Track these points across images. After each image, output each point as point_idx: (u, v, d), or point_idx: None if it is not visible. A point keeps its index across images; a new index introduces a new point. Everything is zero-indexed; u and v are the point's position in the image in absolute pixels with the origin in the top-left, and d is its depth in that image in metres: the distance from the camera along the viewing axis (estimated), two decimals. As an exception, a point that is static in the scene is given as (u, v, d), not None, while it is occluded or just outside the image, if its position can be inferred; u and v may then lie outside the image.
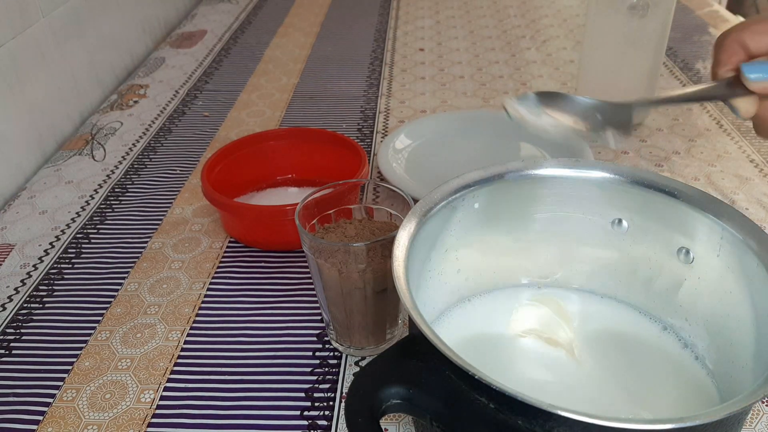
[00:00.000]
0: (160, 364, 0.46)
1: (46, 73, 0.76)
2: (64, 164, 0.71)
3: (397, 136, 0.70)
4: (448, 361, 0.29)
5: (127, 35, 0.98)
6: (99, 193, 0.66)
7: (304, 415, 0.43)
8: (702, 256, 0.40)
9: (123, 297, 0.53)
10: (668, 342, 0.43)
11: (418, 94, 0.85)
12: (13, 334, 0.49)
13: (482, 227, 0.43)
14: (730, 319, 0.38)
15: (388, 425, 0.42)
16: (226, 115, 0.81)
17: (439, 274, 0.42)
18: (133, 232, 0.60)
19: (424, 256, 0.40)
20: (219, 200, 0.55)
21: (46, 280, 0.55)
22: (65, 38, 0.80)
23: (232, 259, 0.56)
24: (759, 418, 0.42)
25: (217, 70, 0.94)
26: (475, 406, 0.29)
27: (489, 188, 0.42)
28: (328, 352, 0.47)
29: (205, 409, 0.43)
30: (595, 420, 0.27)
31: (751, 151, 0.70)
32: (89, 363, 0.47)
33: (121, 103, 0.84)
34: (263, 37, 1.05)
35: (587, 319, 0.45)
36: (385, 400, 0.31)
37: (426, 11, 1.15)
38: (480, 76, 0.89)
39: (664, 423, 0.27)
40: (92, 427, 0.42)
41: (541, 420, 0.28)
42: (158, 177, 0.69)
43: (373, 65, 0.94)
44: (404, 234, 0.37)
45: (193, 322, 0.50)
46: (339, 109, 0.82)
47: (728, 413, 0.27)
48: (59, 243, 0.59)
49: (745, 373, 0.36)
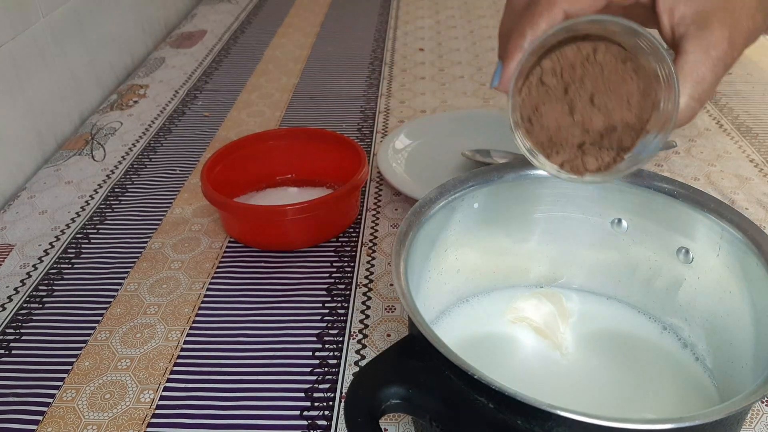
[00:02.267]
0: (160, 364, 0.46)
1: (46, 73, 0.76)
2: (64, 164, 0.71)
3: (397, 136, 0.70)
4: (447, 361, 0.29)
5: (127, 35, 0.98)
6: (99, 193, 0.66)
7: (303, 415, 0.43)
8: (702, 256, 0.40)
9: (123, 297, 0.53)
10: (668, 342, 0.43)
11: (418, 94, 0.85)
12: (13, 334, 0.49)
13: (482, 227, 0.43)
14: (730, 319, 0.38)
15: (388, 425, 0.42)
16: (226, 115, 0.81)
17: (439, 274, 0.42)
18: (133, 232, 0.60)
19: (424, 256, 0.40)
20: (219, 200, 0.55)
21: (46, 280, 0.55)
22: (65, 38, 0.80)
23: (232, 259, 0.56)
24: (759, 418, 0.42)
25: (217, 70, 0.94)
26: (475, 406, 0.29)
27: (488, 188, 0.42)
28: (327, 352, 0.47)
29: (204, 409, 0.43)
30: (595, 420, 0.27)
31: (751, 151, 0.70)
32: (89, 363, 0.47)
33: (121, 103, 0.84)
34: (263, 37, 1.05)
35: (587, 319, 0.45)
36: (384, 400, 0.31)
37: (426, 11, 1.15)
38: (480, 76, 0.89)
39: (664, 423, 0.27)
40: (92, 427, 0.42)
41: (541, 420, 0.28)
42: (158, 177, 0.69)
43: (373, 65, 0.94)
44: (404, 234, 0.37)
45: (193, 322, 0.50)
46: (339, 109, 0.82)
47: (728, 413, 0.27)
48: (59, 243, 0.59)
49: (745, 373, 0.36)
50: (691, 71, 0.32)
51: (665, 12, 0.32)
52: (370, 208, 0.63)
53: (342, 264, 0.56)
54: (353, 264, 0.56)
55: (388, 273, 0.54)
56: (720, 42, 0.31)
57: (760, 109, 0.79)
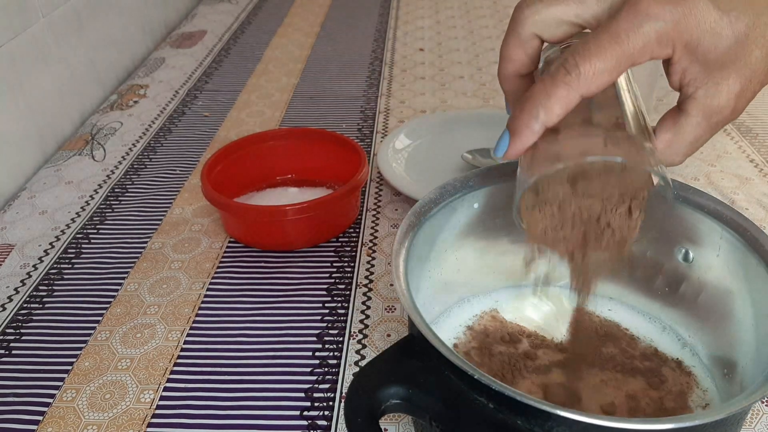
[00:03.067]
0: (160, 364, 0.46)
1: (46, 73, 0.76)
2: (64, 164, 0.71)
3: (397, 136, 0.70)
4: (447, 361, 0.29)
5: (127, 35, 0.98)
6: (99, 193, 0.66)
7: (303, 415, 0.43)
8: (702, 256, 0.40)
9: (123, 297, 0.53)
10: (668, 342, 0.43)
11: (418, 94, 0.85)
12: (13, 334, 0.49)
13: (482, 227, 0.43)
14: (730, 319, 0.38)
15: (388, 425, 0.42)
16: (226, 115, 0.81)
17: (439, 274, 0.42)
18: (133, 232, 0.60)
19: (424, 256, 0.40)
20: (219, 200, 0.55)
21: (46, 280, 0.55)
22: (65, 38, 0.80)
23: (232, 259, 0.56)
24: (759, 418, 0.42)
25: (217, 70, 0.94)
26: (475, 406, 0.29)
27: (489, 188, 0.42)
28: (327, 352, 0.47)
29: (204, 409, 0.43)
30: (594, 420, 0.27)
31: (751, 151, 0.70)
32: (89, 363, 0.47)
33: (121, 103, 0.84)
34: (263, 37, 1.05)
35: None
36: (384, 400, 0.31)
37: (426, 11, 1.15)
38: (480, 76, 0.89)
39: (664, 423, 0.27)
40: (92, 427, 0.42)
41: (541, 420, 0.28)
42: (158, 177, 0.69)
43: (373, 65, 0.94)
44: (404, 234, 0.37)
45: (193, 322, 0.50)
46: (339, 109, 0.82)
47: (728, 413, 0.27)
48: (59, 243, 0.59)
49: (745, 373, 0.36)
50: (690, 133, 0.33)
51: (677, 73, 0.32)
52: (370, 208, 0.63)
53: (342, 264, 0.56)
54: (353, 264, 0.56)
55: (388, 273, 0.54)
56: (725, 107, 0.32)
57: (760, 109, 0.79)
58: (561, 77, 0.30)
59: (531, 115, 0.31)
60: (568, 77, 0.30)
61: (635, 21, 0.29)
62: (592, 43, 0.30)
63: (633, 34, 0.29)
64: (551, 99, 0.30)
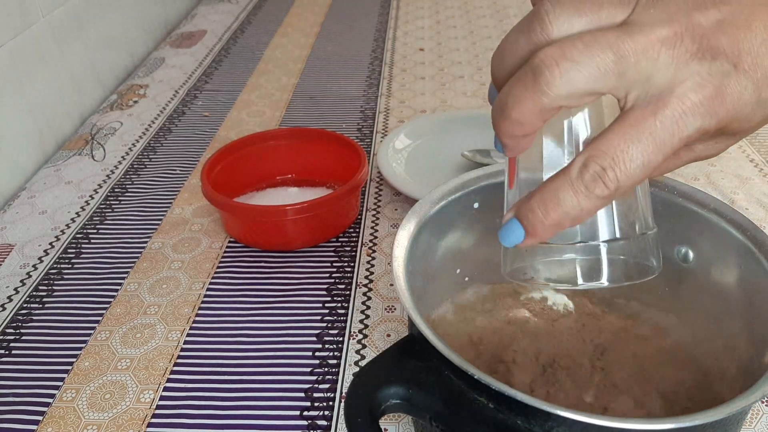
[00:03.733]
0: (160, 364, 0.46)
1: (46, 73, 0.76)
2: (64, 164, 0.71)
3: (397, 136, 0.70)
4: (447, 361, 0.29)
5: (127, 35, 0.98)
6: (99, 193, 0.66)
7: (303, 415, 0.43)
8: (702, 256, 0.40)
9: (123, 297, 0.53)
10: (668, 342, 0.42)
11: (418, 94, 0.85)
12: (13, 334, 0.49)
13: (482, 227, 0.43)
14: (730, 319, 0.38)
15: (388, 425, 0.42)
16: (226, 115, 0.81)
17: (439, 274, 0.42)
18: (133, 232, 0.60)
19: (424, 256, 0.40)
20: (219, 200, 0.55)
21: (46, 280, 0.55)
22: (65, 38, 0.80)
23: (232, 259, 0.56)
24: (759, 418, 0.42)
25: (217, 70, 0.94)
26: (475, 406, 0.29)
27: (489, 188, 0.42)
28: (327, 352, 0.47)
29: (204, 409, 0.43)
30: (595, 419, 0.27)
31: (751, 151, 0.70)
32: (89, 363, 0.47)
33: (121, 103, 0.84)
34: (263, 37, 1.05)
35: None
36: (384, 400, 0.31)
37: (426, 11, 1.15)
38: (480, 76, 0.89)
39: (664, 423, 0.27)
40: (92, 427, 0.42)
41: (541, 420, 0.28)
42: (158, 177, 0.69)
43: (373, 65, 0.94)
44: (404, 234, 0.37)
45: (193, 322, 0.50)
46: (339, 109, 0.82)
47: (728, 413, 0.27)
48: (59, 243, 0.59)
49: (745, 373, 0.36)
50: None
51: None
52: (370, 208, 0.63)
53: (342, 264, 0.56)
54: (353, 264, 0.56)
55: (388, 273, 0.54)
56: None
57: (760, 109, 0.79)
58: (599, 192, 0.27)
59: (553, 224, 0.28)
60: (607, 191, 0.27)
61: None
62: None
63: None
64: (584, 214, 0.27)
